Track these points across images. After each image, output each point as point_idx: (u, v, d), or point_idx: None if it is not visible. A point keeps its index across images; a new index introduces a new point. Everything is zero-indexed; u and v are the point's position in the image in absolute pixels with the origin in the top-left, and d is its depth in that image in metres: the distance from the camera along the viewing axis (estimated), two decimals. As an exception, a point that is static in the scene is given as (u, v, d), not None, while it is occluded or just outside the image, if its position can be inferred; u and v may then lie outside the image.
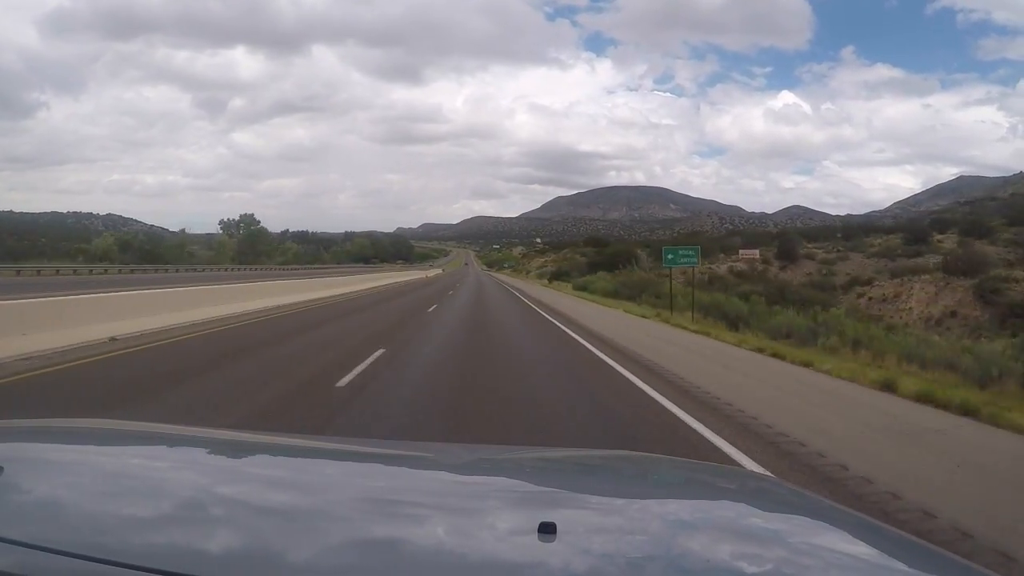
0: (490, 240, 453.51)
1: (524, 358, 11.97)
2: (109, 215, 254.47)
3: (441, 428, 6.39)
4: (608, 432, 6.45)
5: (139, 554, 1.01)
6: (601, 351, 12.79)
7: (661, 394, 8.22)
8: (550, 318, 21.66)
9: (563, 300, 34.56)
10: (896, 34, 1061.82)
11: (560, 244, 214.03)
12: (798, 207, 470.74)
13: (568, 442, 5.97)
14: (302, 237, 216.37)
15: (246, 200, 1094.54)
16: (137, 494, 1.35)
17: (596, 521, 1.37)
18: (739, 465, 5.09)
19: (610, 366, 10.86)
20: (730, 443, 5.85)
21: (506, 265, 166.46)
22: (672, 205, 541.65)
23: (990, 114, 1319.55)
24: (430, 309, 24.06)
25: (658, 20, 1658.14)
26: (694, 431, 6.37)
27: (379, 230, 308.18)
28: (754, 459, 5.33)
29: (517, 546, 1.16)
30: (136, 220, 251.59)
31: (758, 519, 1.47)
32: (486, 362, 11.20)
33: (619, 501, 1.56)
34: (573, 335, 16.05)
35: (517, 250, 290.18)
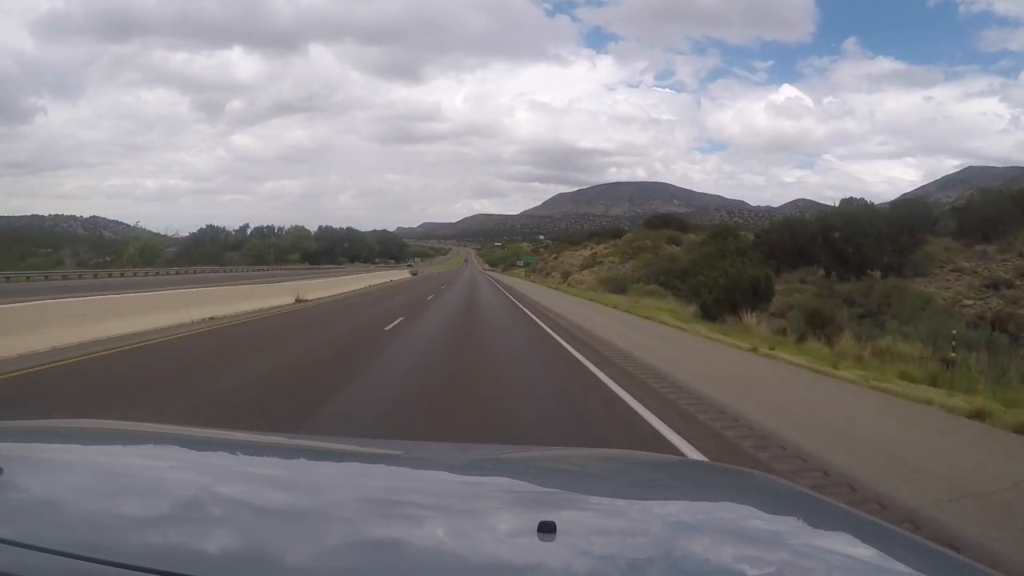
0: (491, 238, 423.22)
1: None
2: (93, 217, 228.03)
3: None
4: None
5: (138, 554, 0.97)
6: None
7: None
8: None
9: None
10: (898, 26, 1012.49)
11: (601, 237, 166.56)
12: (804, 200, 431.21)
13: None
14: (267, 234, 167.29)
15: (247, 203, 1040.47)
16: (136, 494, 1.30)
17: (597, 522, 1.32)
18: None
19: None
20: None
21: (520, 262, 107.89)
22: (675, 200, 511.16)
23: (992, 106, 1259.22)
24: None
25: (659, 13, 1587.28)
26: None
27: (378, 229, 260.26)
28: None
29: (517, 547, 1.12)
30: (119, 222, 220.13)
31: (760, 520, 1.41)
32: None
33: (621, 502, 1.50)
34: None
35: (523, 247, 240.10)
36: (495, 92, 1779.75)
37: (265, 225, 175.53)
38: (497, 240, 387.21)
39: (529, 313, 21.66)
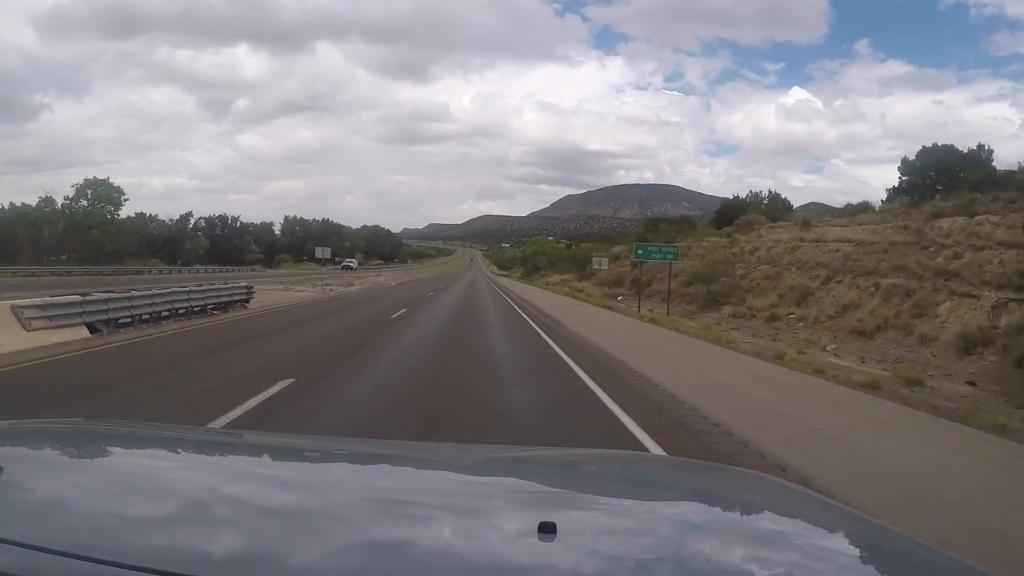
0: (498, 239, 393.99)
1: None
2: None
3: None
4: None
5: (140, 555, 0.92)
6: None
7: None
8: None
9: None
10: (909, 28, 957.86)
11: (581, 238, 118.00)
12: (816, 204, 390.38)
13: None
14: (216, 225, 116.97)
15: (253, 202, 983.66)
16: (138, 494, 1.24)
17: (604, 522, 1.27)
18: None
19: None
20: None
21: (649, 254, 28.68)
22: (685, 203, 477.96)
23: (1002, 110, 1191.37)
24: None
25: (670, 12, 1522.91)
26: None
27: (370, 225, 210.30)
28: None
29: (523, 548, 1.07)
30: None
31: (767, 521, 1.36)
32: None
33: (627, 502, 1.45)
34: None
35: (551, 243, 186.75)
36: (503, 93, 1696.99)
37: (220, 214, 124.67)
38: (504, 241, 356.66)
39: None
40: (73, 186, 53.83)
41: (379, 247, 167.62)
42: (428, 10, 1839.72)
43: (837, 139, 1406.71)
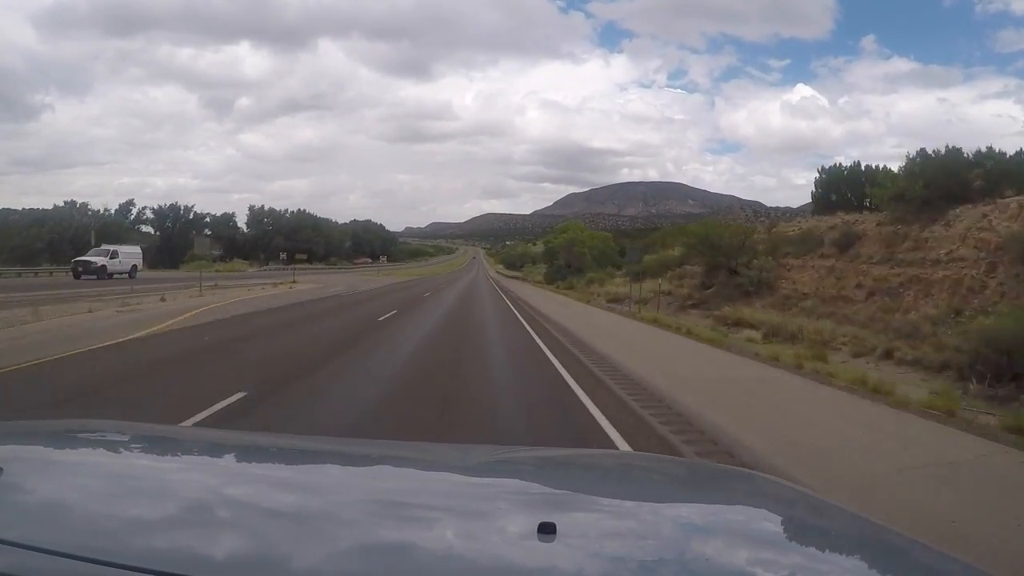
0: (501, 238, 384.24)
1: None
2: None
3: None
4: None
5: (140, 556, 0.90)
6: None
7: None
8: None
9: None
10: (913, 25, 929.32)
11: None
12: None
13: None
14: (167, 217, 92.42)
15: (256, 201, 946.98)
16: (139, 495, 1.23)
17: (607, 523, 1.25)
18: None
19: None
20: None
21: None
22: (691, 200, 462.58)
23: (1007, 108, 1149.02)
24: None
25: (674, 9, 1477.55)
26: None
27: (360, 219, 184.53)
28: None
29: (525, 549, 1.05)
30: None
31: (771, 523, 1.34)
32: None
33: (629, 503, 1.43)
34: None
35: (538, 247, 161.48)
36: (506, 90, 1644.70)
37: (171, 204, 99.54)
38: (508, 239, 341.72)
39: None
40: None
41: (368, 244, 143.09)
42: (431, 7, 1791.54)
43: (842, 136, 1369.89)
